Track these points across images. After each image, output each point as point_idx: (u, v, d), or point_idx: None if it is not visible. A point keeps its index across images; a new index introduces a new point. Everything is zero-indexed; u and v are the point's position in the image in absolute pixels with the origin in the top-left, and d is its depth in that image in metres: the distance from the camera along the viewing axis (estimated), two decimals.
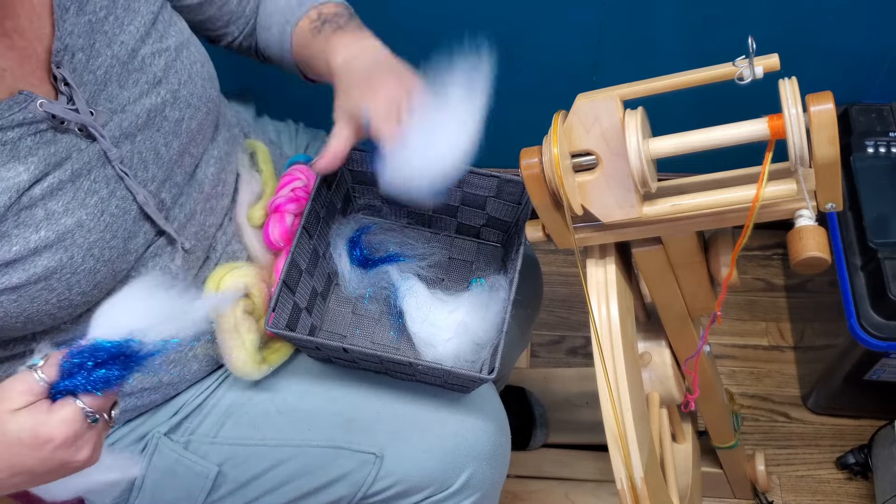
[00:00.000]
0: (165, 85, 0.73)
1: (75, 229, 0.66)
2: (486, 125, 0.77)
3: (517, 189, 0.92)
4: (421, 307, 0.90)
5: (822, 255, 0.63)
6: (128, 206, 0.70)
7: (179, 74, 0.75)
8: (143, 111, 0.71)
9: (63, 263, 0.65)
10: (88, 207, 0.67)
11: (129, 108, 0.70)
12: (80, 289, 0.67)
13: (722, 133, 0.63)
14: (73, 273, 0.66)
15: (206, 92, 0.79)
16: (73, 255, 0.66)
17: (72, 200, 0.66)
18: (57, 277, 0.65)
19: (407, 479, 0.87)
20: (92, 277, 0.68)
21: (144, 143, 0.72)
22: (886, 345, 1.16)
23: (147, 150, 0.72)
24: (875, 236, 1.18)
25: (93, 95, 0.68)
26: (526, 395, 1.44)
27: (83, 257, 0.66)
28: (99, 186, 0.68)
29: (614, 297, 0.75)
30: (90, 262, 0.67)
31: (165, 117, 0.74)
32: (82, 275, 0.67)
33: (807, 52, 1.30)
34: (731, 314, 1.59)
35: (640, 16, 1.28)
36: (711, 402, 1.05)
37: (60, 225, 0.65)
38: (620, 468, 0.74)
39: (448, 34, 0.82)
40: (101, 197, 0.68)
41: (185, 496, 0.87)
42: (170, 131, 0.74)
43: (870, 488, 1.37)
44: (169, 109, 0.74)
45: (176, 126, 0.75)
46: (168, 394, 0.86)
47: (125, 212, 0.70)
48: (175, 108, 0.74)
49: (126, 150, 0.70)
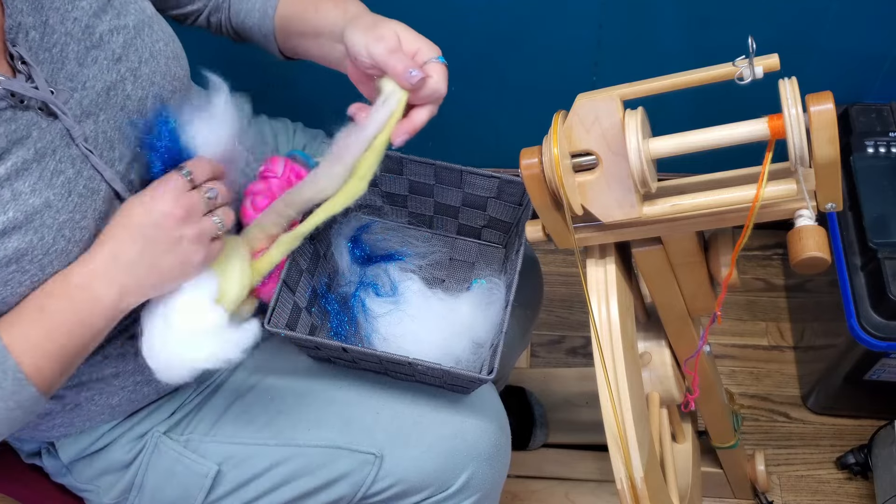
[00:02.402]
0: (125, 62, 0.72)
1: (43, 210, 0.65)
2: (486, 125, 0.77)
3: (518, 190, 0.92)
4: (421, 306, 0.90)
5: (822, 255, 0.63)
6: (96, 185, 0.70)
7: (140, 52, 0.74)
8: (104, 88, 0.71)
9: (34, 245, 0.65)
10: (56, 188, 0.66)
11: (89, 84, 0.70)
12: (52, 270, 0.67)
13: (722, 133, 0.63)
14: (44, 254, 0.66)
15: (171, 70, 0.77)
16: (44, 236, 0.65)
17: (38, 181, 0.65)
18: (29, 259, 0.65)
19: (407, 479, 0.87)
20: (65, 259, 0.67)
21: (108, 122, 0.71)
22: (886, 345, 1.16)
23: (112, 130, 0.71)
24: (875, 236, 1.18)
25: (52, 74, 0.67)
26: (526, 395, 1.44)
27: (54, 238, 0.66)
28: (65, 166, 0.67)
29: (614, 297, 0.75)
30: (61, 242, 0.66)
31: (128, 96, 0.73)
32: (54, 255, 0.66)
33: (807, 52, 1.30)
34: (731, 314, 1.59)
35: (640, 16, 1.28)
36: (711, 402, 1.05)
37: (28, 205, 0.64)
38: (620, 468, 0.74)
39: (448, 34, 0.82)
40: (68, 177, 0.67)
41: (184, 495, 0.87)
42: (134, 110, 0.73)
43: (870, 488, 1.37)
44: (131, 87, 0.73)
45: (140, 105, 0.74)
46: (162, 389, 0.86)
47: (94, 192, 0.69)
48: (137, 86, 0.73)
49: (90, 129, 0.70)
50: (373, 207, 1.00)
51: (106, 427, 0.86)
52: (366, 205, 1.00)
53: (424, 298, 0.91)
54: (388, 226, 1.01)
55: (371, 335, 0.90)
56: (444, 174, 0.94)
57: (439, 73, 0.77)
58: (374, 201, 0.99)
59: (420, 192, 0.97)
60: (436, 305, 0.91)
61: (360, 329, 0.92)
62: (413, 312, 0.90)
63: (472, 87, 1.42)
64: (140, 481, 0.87)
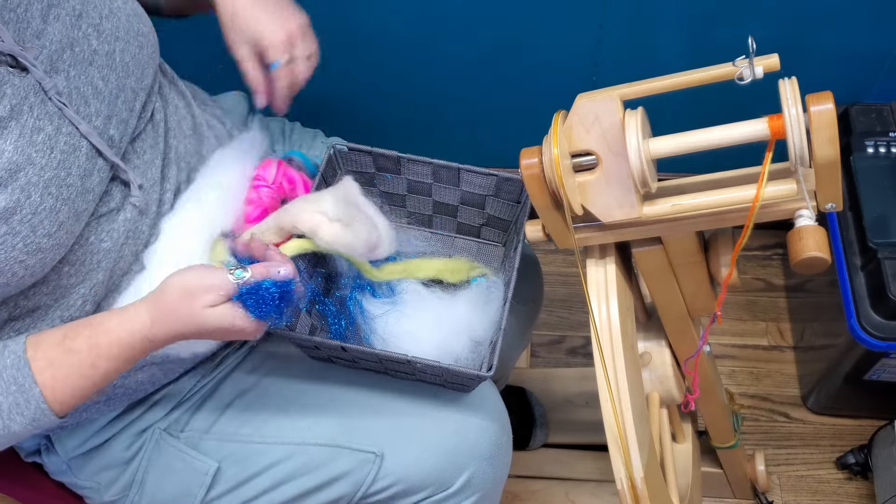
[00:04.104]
0: (86, 18, 0.74)
1: (27, 166, 0.66)
2: (486, 125, 0.77)
3: (516, 187, 0.92)
4: (418, 305, 0.90)
5: (822, 255, 0.63)
6: (76, 141, 0.71)
7: (99, 9, 0.75)
8: (68, 43, 0.72)
9: (21, 203, 0.65)
10: (37, 145, 0.67)
11: (55, 40, 0.71)
12: (44, 230, 0.67)
13: (722, 133, 0.63)
14: (34, 213, 0.66)
15: (133, 26, 0.79)
16: (31, 195, 0.66)
17: (19, 138, 0.66)
18: (18, 219, 0.65)
19: (407, 478, 0.87)
20: (54, 217, 0.68)
21: (80, 77, 0.72)
22: (886, 345, 1.16)
23: (85, 85, 0.73)
24: (875, 236, 1.18)
25: (18, 34, 0.68)
26: (526, 395, 1.44)
27: (41, 196, 0.67)
28: (43, 123, 0.68)
29: (614, 297, 0.75)
30: (49, 200, 0.67)
31: (95, 51, 0.74)
32: (44, 214, 0.67)
33: (807, 52, 1.30)
34: (731, 314, 1.59)
35: (640, 15, 1.28)
36: (711, 402, 1.05)
37: (11, 163, 0.65)
38: (620, 468, 0.74)
39: (448, 34, 0.82)
40: (48, 134, 0.68)
41: (183, 492, 0.87)
42: (104, 65, 0.75)
43: (870, 488, 1.37)
44: (96, 43, 0.74)
45: (108, 59, 0.75)
46: (158, 380, 0.86)
47: (75, 148, 0.71)
48: (102, 41, 0.75)
49: (62, 85, 0.71)
50: None
51: (104, 421, 0.86)
52: None
53: (422, 297, 0.91)
54: None
55: (370, 336, 0.90)
56: (441, 172, 0.94)
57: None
58: (374, 202, 0.99)
59: (418, 191, 0.97)
60: (434, 304, 0.91)
61: (359, 330, 0.92)
62: (410, 312, 0.90)
63: (473, 86, 1.42)
64: (140, 478, 0.87)
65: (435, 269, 0.93)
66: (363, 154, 0.94)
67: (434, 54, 1.37)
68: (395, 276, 0.91)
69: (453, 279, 0.93)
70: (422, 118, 1.51)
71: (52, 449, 0.87)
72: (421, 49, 1.36)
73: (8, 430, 0.68)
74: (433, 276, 0.93)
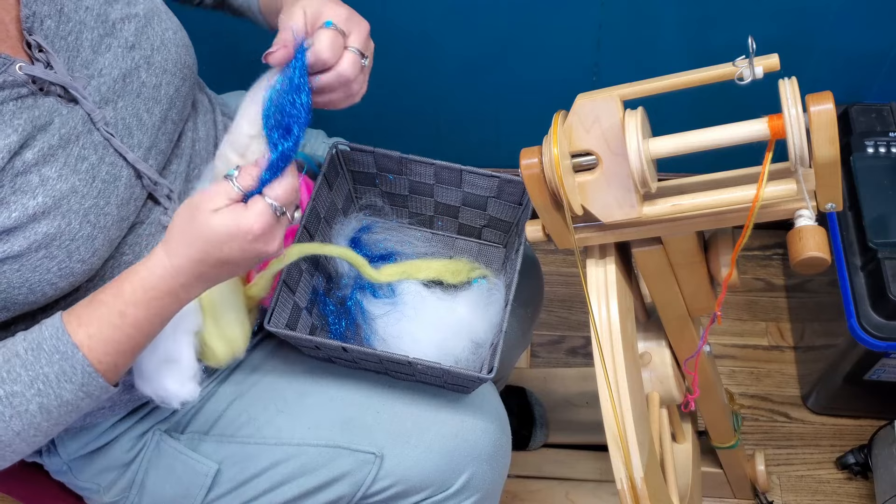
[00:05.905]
0: (139, 50, 0.74)
1: (70, 195, 0.67)
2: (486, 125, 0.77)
3: (518, 189, 0.92)
4: (419, 307, 0.90)
5: (822, 255, 0.63)
6: (118, 172, 0.71)
7: (152, 40, 0.76)
8: (120, 75, 0.72)
9: (61, 230, 0.66)
10: (80, 173, 0.68)
11: (105, 71, 0.71)
12: (79, 256, 0.68)
13: (722, 133, 0.63)
14: (71, 240, 0.67)
15: (181, 59, 0.79)
16: (70, 222, 0.67)
17: (64, 166, 0.67)
18: (56, 245, 0.66)
19: (407, 479, 0.87)
20: (90, 244, 0.69)
21: (126, 108, 0.73)
22: (886, 345, 1.16)
23: (130, 117, 0.73)
24: (875, 236, 1.18)
25: (68, 62, 0.69)
26: (526, 395, 1.44)
27: (80, 223, 0.68)
28: (88, 152, 0.69)
29: (614, 297, 0.75)
30: (87, 228, 0.68)
31: (143, 83, 0.74)
32: (80, 241, 0.68)
33: (807, 52, 1.30)
34: (731, 314, 1.59)
35: (640, 16, 1.28)
36: (711, 402, 1.05)
37: (56, 191, 0.66)
38: (620, 468, 0.74)
39: (449, 34, 0.82)
40: (92, 163, 0.69)
41: (184, 494, 0.87)
42: (150, 97, 0.75)
43: (870, 488, 1.37)
44: (145, 75, 0.75)
45: (154, 92, 0.75)
46: None
47: (115, 178, 0.71)
48: (151, 73, 0.75)
49: (110, 116, 0.71)
50: (374, 208, 1.00)
51: (107, 424, 0.86)
52: (367, 205, 1.00)
53: (422, 298, 0.91)
54: (388, 226, 1.01)
55: (370, 336, 0.90)
56: (444, 174, 0.94)
57: (326, 38, 0.69)
58: (375, 202, 0.99)
59: (420, 192, 0.97)
60: (434, 305, 0.91)
61: (359, 330, 0.92)
62: (411, 313, 0.90)
63: (473, 86, 1.42)
64: (140, 480, 0.87)
65: (435, 269, 0.93)
66: (365, 154, 0.94)
67: (434, 55, 1.37)
68: (396, 276, 0.91)
69: (454, 280, 0.93)
70: (422, 119, 1.52)
71: (54, 450, 0.87)
72: (421, 49, 1.36)
73: (60, 398, 0.66)
74: (434, 276, 0.93)
